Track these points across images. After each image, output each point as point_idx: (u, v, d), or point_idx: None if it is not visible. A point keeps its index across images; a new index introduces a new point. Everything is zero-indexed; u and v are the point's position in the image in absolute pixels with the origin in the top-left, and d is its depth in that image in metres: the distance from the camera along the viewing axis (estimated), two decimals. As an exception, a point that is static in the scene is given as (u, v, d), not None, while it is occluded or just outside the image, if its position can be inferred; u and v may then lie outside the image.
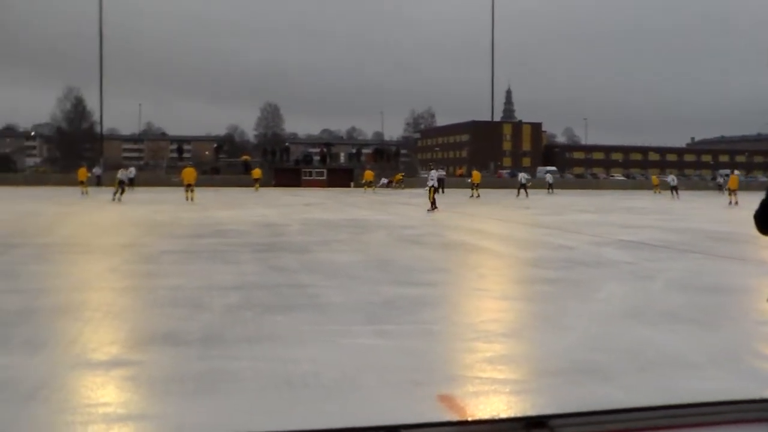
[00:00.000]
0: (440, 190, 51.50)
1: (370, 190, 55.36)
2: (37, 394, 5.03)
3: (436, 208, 27.89)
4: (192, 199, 34.22)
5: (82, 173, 44.07)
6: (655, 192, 59.89)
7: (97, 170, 55.02)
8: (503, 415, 4.82)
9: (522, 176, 54.29)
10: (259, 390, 5.21)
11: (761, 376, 5.89)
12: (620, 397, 5.15)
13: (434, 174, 29.22)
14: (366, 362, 5.98)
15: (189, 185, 35.52)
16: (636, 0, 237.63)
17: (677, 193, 49.71)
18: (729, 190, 40.97)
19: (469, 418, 4.70)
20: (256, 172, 57.41)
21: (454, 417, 4.73)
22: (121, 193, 35.32)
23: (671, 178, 53.04)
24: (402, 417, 4.72)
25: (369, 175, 57.94)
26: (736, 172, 50.88)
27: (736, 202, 37.84)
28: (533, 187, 60.19)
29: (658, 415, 1.81)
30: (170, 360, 5.99)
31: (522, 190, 49.61)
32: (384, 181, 62.16)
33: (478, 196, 45.70)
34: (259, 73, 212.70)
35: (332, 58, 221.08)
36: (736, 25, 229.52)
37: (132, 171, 47.26)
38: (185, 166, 42.04)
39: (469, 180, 50.29)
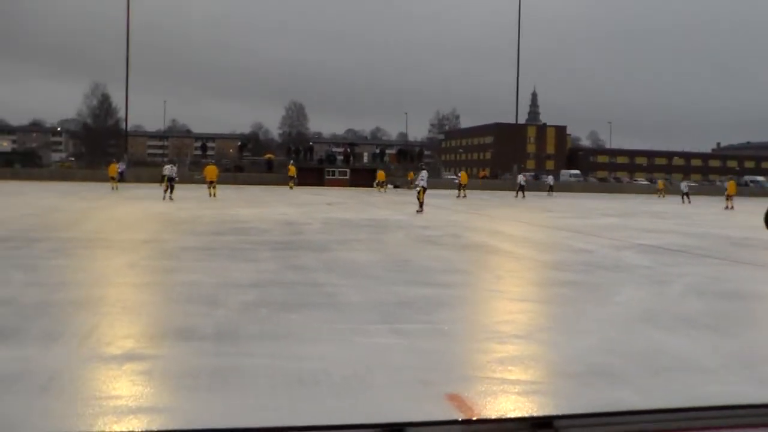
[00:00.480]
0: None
1: (382, 190, 55.08)
2: (50, 386, 5.10)
3: (421, 210, 27.49)
4: (214, 195, 34.63)
5: (113, 169, 44.49)
6: (659, 196, 59.48)
7: (120, 166, 55.36)
8: (510, 415, 4.83)
9: (521, 178, 55.66)
10: (270, 387, 5.25)
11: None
12: (632, 400, 5.14)
13: (424, 174, 28.88)
14: (377, 361, 6.01)
15: (211, 182, 35.98)
16: (664, 2, 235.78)
17: (689, 198, 49.10)
18: (727, 195, 41.44)
19: (474, 418, 4.71)
20: (292, 170, 57.32)
21: (460, 416, 4.74)
22: (171, 190, 33.47)
23: (684, 185, 52.55)
24: (409, 415, 4.73)
25: (381, 175, 57.67)
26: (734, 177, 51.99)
27: (732, 207, 39.62)
28: (560, 189, 60.26)
29: (666, 417, 1.81)
30: (183, 355, 6.04)
31: (520, 192, 51.64)
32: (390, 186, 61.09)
33: (465, 196, 46.98)
34: (284, 72, 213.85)
35: (358, 59, 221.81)
36: (766, 28, 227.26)
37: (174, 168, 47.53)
38: (208, 164, 42.49)
39: (457, 181, 51.22)
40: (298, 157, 68.09)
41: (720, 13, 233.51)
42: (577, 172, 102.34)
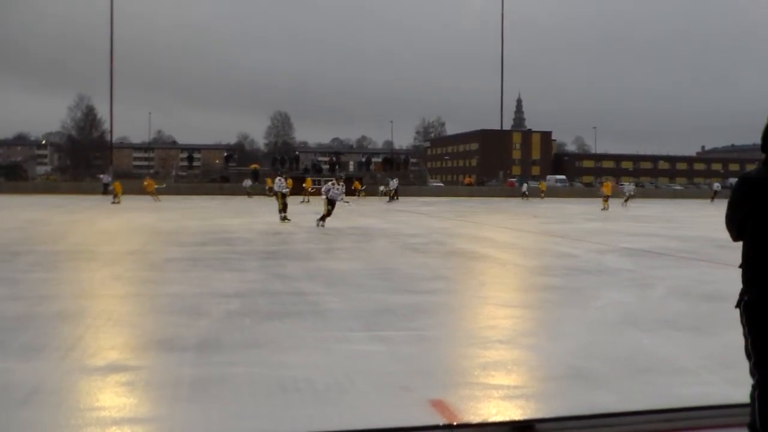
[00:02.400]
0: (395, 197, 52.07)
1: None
2: (31, 398, 5.11)
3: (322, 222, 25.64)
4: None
5: (119, 186, 43.84)
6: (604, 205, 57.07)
7: (105, 178, 55.38)
8: (492, 419, 4.87)
9: (525, 186, 59.46)
10: (252, 395, 5.27)
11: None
12: (612, 403, 5.17)
13: (330, 186, 26.79)
14: (360, 368, 6.03)
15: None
16: (646, 8, 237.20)
17: (627, 203, 48.41)
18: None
19: (456, 423, 4.74)
20: (308, 182, 56.45)
21: (443, 421, 4.77)
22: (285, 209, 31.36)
23: (628, 187, 52.68)
24: (392, 421, 4.76)
25: (309, 183, 53.78)
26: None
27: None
28: (546, 194, 60.52)
29: (645, 419, 1.85)
30: (166, 366, 6.05)
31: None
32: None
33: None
34: (270, 82, 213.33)
35: (344, 68, 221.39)
36: (749, 32, 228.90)
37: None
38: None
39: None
40: (283, 167, 68.01)
41: (703, 18, 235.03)
42: (563, 177, 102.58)
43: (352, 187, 58.43)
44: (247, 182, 55.21)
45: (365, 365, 6.13)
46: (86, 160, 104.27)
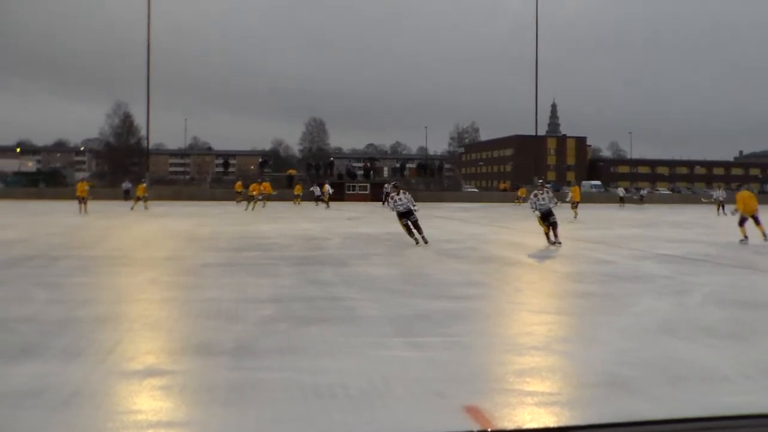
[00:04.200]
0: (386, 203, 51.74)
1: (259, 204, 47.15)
2: (71, 400, 5.18)
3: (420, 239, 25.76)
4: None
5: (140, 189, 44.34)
6: (573, 211, 56.64)
7: (125, 185, 56.20)
8: (527, 426, 4.86)
9: (622, 191, 60.17)
10: (287, 400, 5.30)
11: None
12: (648, 411, 5.14)
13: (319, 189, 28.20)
14: (394, 373, 6.04)
15: (82, 198, 35.74)
16: (683, 10, 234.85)
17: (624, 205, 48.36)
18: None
19: (490, 429, 4.74)
20: (298, 188, 56.86)
21: (477, 427, 4.77)
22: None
23: (620, 190, 52.47)
24: (426, 427, 4.78)
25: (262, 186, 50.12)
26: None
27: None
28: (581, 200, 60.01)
29: (682, 427, 1.82)
30: (202, 370, 6.11)
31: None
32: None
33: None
34: (305, 88, 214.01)
35: (378, 74, 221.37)
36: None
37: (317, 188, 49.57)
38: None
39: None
40: (318, 173, 68.23)
41: (741, 19, 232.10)
42: (598, 183, 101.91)
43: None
44: (317, 188, 54.48)
45: (400, 371, 6.14)
46: (123, 166, 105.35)
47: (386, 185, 55.02)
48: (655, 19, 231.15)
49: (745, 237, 20.94)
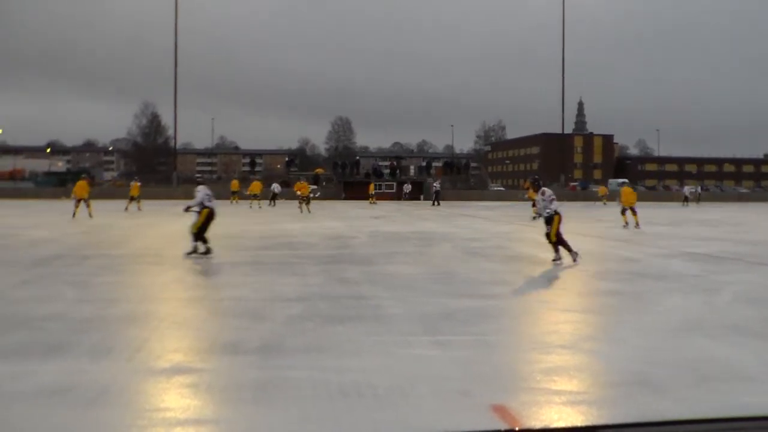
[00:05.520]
0: (436, 202, 51.34)
1: (255, 203, 46.41)
2: (100, 398, 5.23)
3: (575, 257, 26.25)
4: (308, 210, 36.77)
5: (135, 189, 42.83)
6: (603, 203, 58.00)
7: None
8: (554, 425, 4.84)
9: (687, 190, 60.86)
10: (314, 399, 5.31)
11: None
12: (675, 410, 5.11)
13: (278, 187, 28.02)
14: (421, 372, 6.04)
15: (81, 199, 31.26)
16: (712, 5, 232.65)
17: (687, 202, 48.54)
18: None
19: (517, 428, 4.72)
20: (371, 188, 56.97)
21: (504, 426, 4.76)
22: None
23: (686, 189, 52.42)
24: (453, 426, 4.77)
25: (256, 187, 48.61)
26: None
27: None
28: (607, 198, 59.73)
29: (708, 428, 1.80)
30: (229, 368, 6.14)
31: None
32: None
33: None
34: (331, 87, 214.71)
35: (405, 73, 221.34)
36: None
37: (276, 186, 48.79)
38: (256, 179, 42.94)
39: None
40: (344, 172, 68.30)
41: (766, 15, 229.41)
42: (625, 181, 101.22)
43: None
44: (276, 187, 51.70)
45: (426, 370, 6.13)
46: (151, 166, 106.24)
47: (435, 183, 55.09)
48: (683, 16, 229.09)
49: (626, 224, 26.66)
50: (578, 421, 4.97)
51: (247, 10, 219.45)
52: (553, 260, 14.36)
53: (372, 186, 58.24)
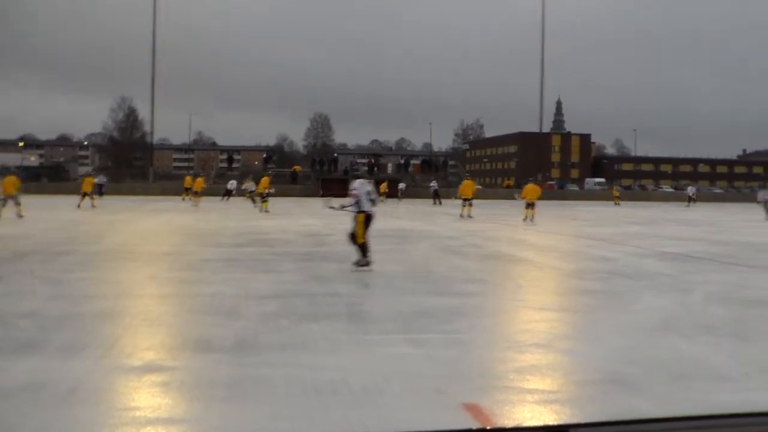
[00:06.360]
0: (437, 201, 51.33)
1: (193, 200, 42.81)
2: (71, 396, 5.17)
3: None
4: (264, 209, 34.10)
5: (88, 183, 38.54)
6: (616, 203, 58.56)
7: (100, 179, 54.49)
8: (526, 423, 4.84)
9: (691, 190, 59.90)
10: (287, 397, 5.28)
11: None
12: (649, 409, 5.13)
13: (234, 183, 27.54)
14: (395, 370, 6.03)
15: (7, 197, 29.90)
16: (687, 8, 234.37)
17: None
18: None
19: (489, 427, 4.72)
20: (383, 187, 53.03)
21: (477, 425, 4.75)
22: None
23: (690, 189, 53.24)
24: (427, 424, 4.76)
25: (194, 182, 45.45)
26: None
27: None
28: (584, 198, 59.93)
29: (681, 425, 1.80)
30: (202, 366, 6.10)
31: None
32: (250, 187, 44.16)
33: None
34: (310, 84, 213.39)
35: (383, 70, 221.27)
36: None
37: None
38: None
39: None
40: (322, 169, 68.17)
41: (744, 15, 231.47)
42: (602, 180, 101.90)
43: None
44: (232, 183, 50.31)
45: (401, 368, 6.12)
46: (127, 161, 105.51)
47: (433, 183, 54.76)
48: (660, 17, 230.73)
49: (525, 218, 29.16)
50: (551, 420, 4.98)
51: (227, 5, 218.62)
52: (356, 263, 12.74)
53: (384, 185, 57.97)
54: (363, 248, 12.72)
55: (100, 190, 48.09)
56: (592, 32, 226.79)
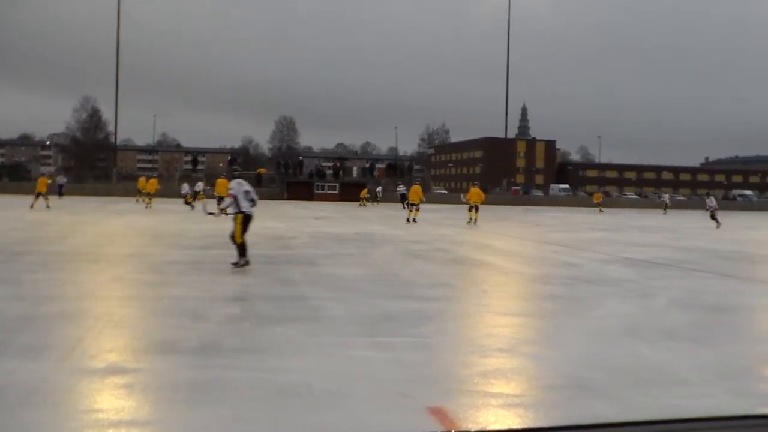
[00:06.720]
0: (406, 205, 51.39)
1: (143, 200, 42.42)
2: (30, 399, 5.10)
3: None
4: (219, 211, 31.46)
5: (42, 183, 37.61)
6: (599, 210, 59.01)
7: (60, 179, 53.63)
8: (490, 427, 4.86)
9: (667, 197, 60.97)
10: (251, 399, 5.25)
11: (751, 393, 5.92)
12: (612, 413, 5.18)
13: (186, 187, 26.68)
14: (359, 374, 6.02)
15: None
16: (652, 18, 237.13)
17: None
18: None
19: (453, 430, 4.73)
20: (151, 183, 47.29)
21: (440, 428, 4.76)
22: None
23: (666, 196, 53.88)
24: (390, 428, 4.76)
25: (147, 183, 44.44)
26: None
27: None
28: (548, 204, 60.21)
29: (644, 430, 1.82)
30: (165, 368, 6.04)
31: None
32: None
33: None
34: (275, 86, 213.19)
35: (349, 74, 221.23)
36: (753, 45, 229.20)
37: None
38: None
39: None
40: (287, 172, 67.96)
41: (707, 29, 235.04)
42: (566, 186, 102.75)
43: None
44: (185, 187, 45.56)
45: (365, 371, 6.12)
46: (90, 162, 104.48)
47: (399, 186, 54.61)
48: (625, 27, 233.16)
49: (470, 220, 30.68)
50: (515, 424, 5.00)
51: (192, 6, 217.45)
52: (235, 264, 12.86)
53: (365, 190, 57.95)
54: (241, 248, 12.91)
55: (60, 191, 47.45)
56: (559, 40, 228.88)
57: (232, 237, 12.98)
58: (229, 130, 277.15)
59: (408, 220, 30.75)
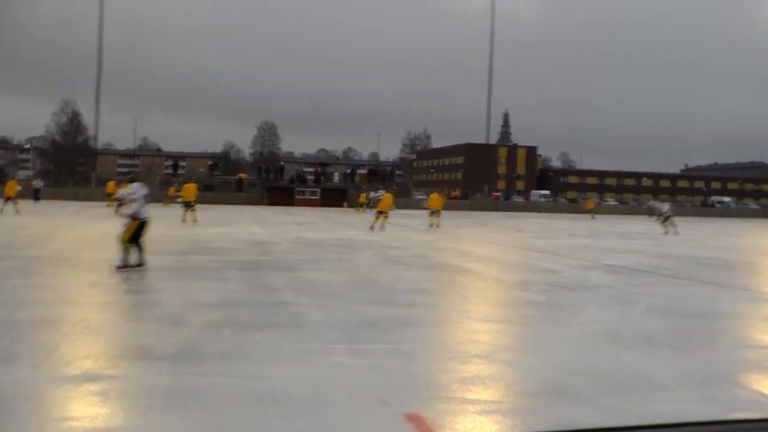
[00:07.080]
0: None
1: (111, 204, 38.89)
2: (3, 406, 5.04)
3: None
4: (193, 218, 30.23)
5: (11, 187, 36.68)
6: (592, 216, 58.93)
7: (37, 183, 52.91)
8: (468, 435, 4.85)
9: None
10: (230, 406, 5.22)
11: (727, 399, 5.95)
12: (591, 419, 5.18)
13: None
14: (338, 380, 6.00)
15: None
16: (634, 26, 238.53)
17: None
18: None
19: None
20: (363, 198, 54.14)
21: None
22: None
23: (665, 205, 53.87)
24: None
25: (118, 188, 37.66)
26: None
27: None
28: (529, 210, 60.30)
29: None
30: (142, 375, 6.00)
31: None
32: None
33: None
34: (257, 91, 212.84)
35: (331, 79, 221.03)
36: (733, 54, 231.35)
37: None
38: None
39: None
40: (269, 177, 67.80)
41: (688, 36, 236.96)
42: (547, 192, 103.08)
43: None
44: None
45: (344, 378, 6.10)
46: (70, 166, 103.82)
47: (379, 192, 53.81)
48: (607, 35, 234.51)
49: (431, 225, 31.93)
50: (493, 430, 5.00)
51: (173, 9, 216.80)
52: (118, 267, 12.77)
53: (364, 195, 57.74)
54: (124, 252, 12.91)
55: (36, 195, 47.00)
56: (542, 47, 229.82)
57: (120, 238, 13.03)
58: (211, 135, 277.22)
59: (372, 228, 29.37)
